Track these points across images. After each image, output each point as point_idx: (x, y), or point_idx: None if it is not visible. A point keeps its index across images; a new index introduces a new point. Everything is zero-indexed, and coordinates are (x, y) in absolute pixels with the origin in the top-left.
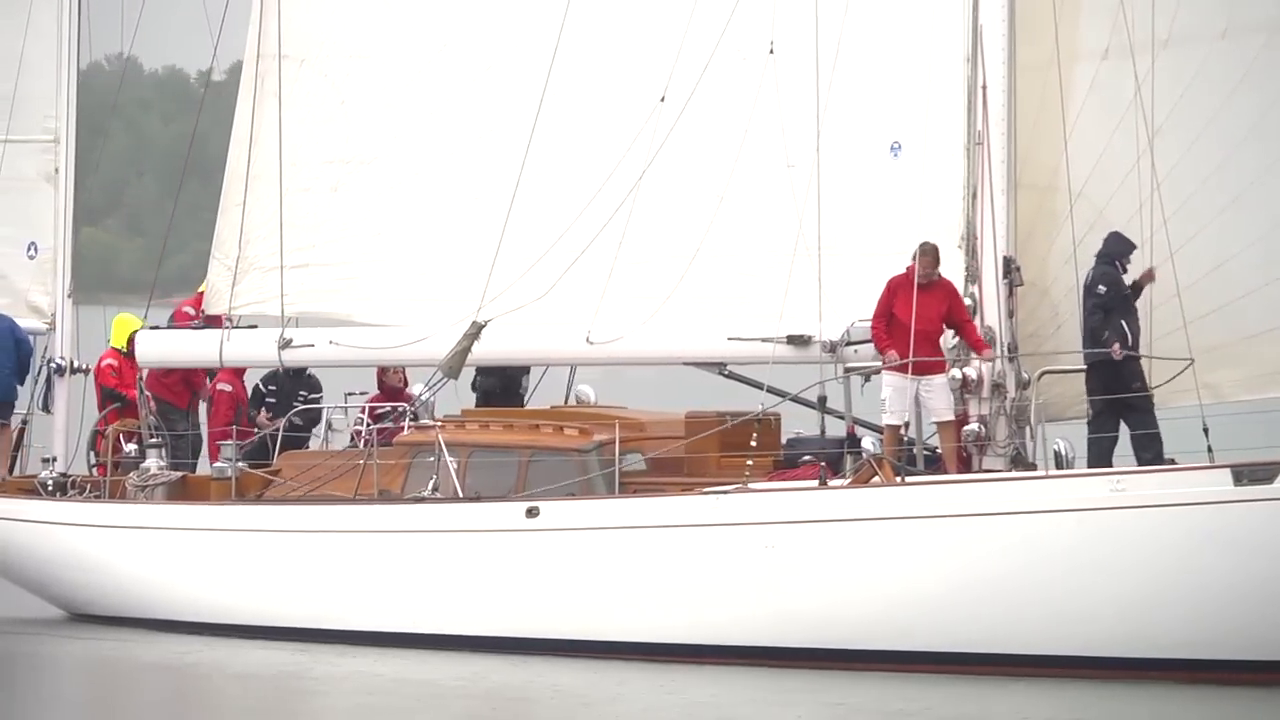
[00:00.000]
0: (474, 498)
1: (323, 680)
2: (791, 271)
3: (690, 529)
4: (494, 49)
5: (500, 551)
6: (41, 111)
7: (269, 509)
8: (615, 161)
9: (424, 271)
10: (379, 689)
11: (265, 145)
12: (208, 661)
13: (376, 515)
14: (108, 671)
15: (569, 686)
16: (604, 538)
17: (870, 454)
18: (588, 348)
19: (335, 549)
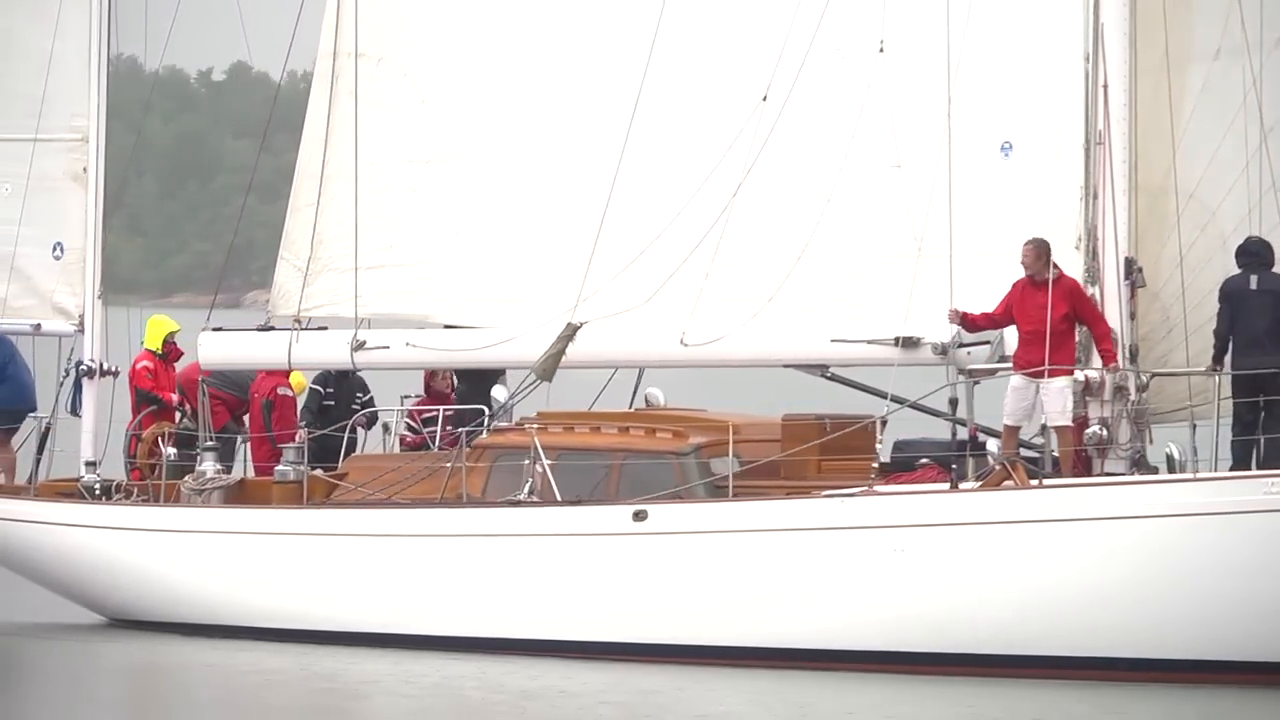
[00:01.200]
0: (575, 501)
1: (416, 687)
2: (899, 273)
3: (814, 532)
4: (582, 47)
5: (606, 556)
6: (68, 110)
7: (349, 513)
8: (713, 161)
9: (507, 272)
10: (474, 695)
11: (339, 145)
12: (292, 667)
13: (470, 519)
14: (181, 677)
15: (686, 692)
16: (720, 541)
17: (1003, 457)
18: (682, 350)
19: (422, 553)
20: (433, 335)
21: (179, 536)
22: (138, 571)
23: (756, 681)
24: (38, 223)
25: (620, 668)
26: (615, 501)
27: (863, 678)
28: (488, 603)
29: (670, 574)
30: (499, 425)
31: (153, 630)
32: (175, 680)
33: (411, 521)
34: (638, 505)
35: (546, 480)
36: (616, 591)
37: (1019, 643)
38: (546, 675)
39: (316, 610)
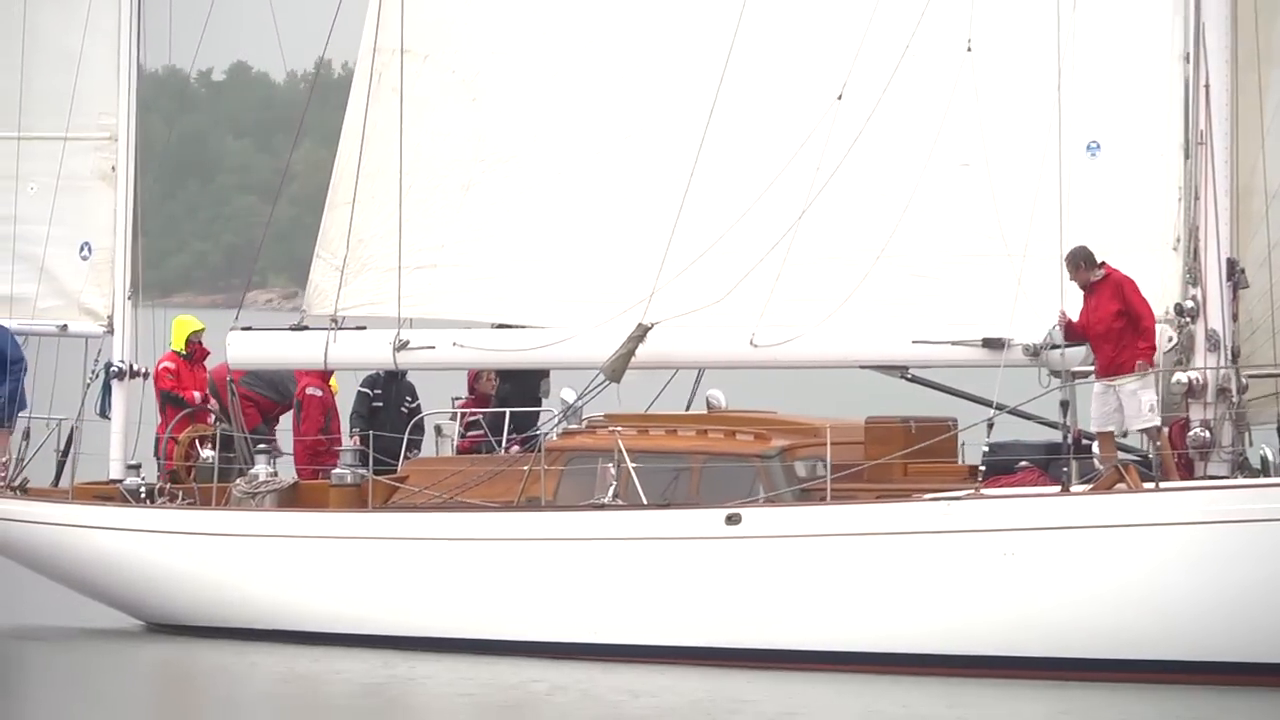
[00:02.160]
0: (664, 504)
1: (499, 692)
2: (977, 274)
3: (918, 536)
4: (648, 45)
5: (698, 560)
6: (96, 109)
7: (423, 517)
8: (785, 160)
9: (571, 273)
10: (565, 701)
11: (380, 142)
12: (362, 670)
13: (553, 523)
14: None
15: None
16: (819, 545)
17: (1118, 460)
18: (752, 351)
19: (501, 558)
20: (481, 335)
21: (234, 540)
22: (189, 576)
23: (855, 686)
24: (65, 222)
25: (713, 673)
26: (707, 505)
27: (968, 682)
28: (570, 608)
29: (766, 578)
30: (569, 427)
31: (196, 634)
32: (246, 686)
33: (490, 525)
34: (730, 509)
35: (631, 483)
36: (709, 596)
37: (1133, 647)
38: (637, 681)
39: (384, 616)
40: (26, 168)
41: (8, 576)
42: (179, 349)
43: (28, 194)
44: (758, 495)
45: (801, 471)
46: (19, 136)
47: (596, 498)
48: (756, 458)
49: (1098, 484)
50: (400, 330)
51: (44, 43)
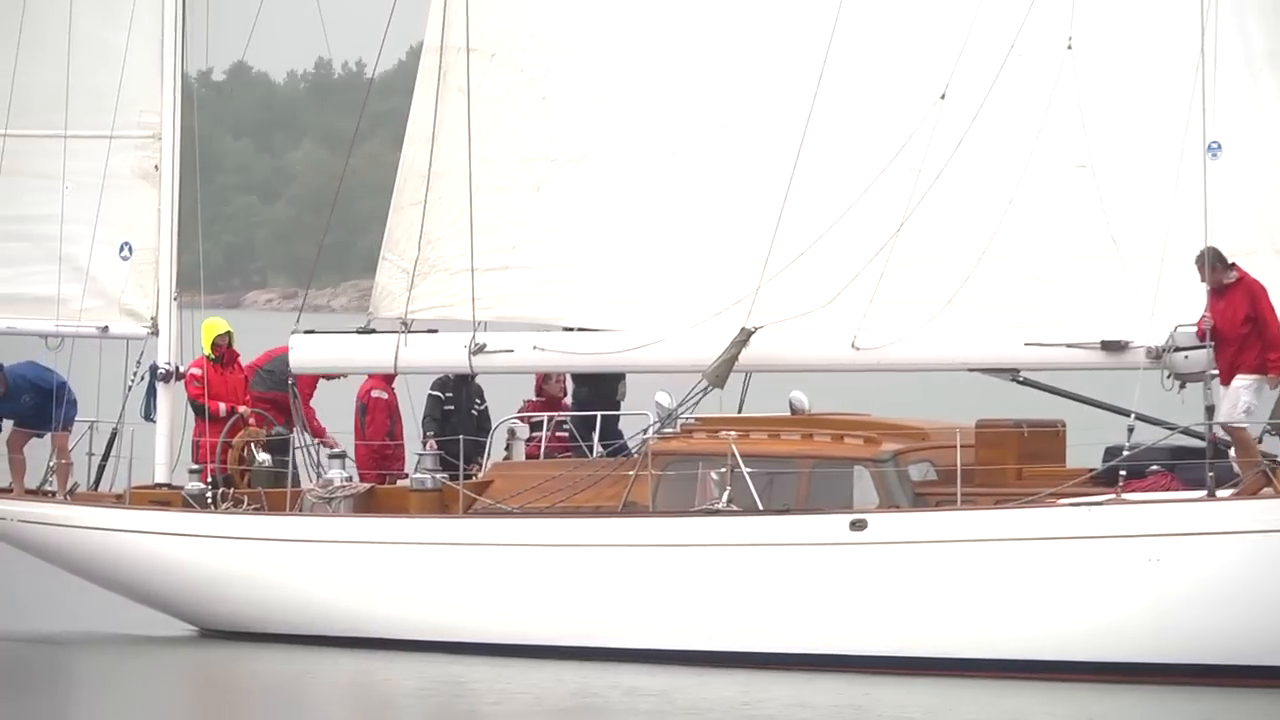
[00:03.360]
0: (783, 510)
1: (636, 698)
2: (1086, 275)
3: (1056, 542)
4: (726, 41)
5: (822, 566)
6: (138, 107)
7: (521, 523)
8: (885, 159)
9: (649, 274)
10: (680, 710)
11: (447, 142)
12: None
13: (667, 528)
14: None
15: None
16: (950, 551)
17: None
18: (853, 354)
19: (608, 564)
20: (563, 338)
21: (311, 547)
22: (260, 582)
23: (989, 692)
24: (104, 222)
25: (839, 678)
26: (816, 509)
27: (1109, 689)
28: (683, 614)
29: (894, 585)
30: (665, 432)
31: (252, 640)
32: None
33: (598, 531)
34: (855, 514)
35: (745, 488)
36: (834, 602)
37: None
38: (761, 688)
39: (476, 623)
40: (59, 166)
41: (43, 581)
42: (207, 352)
43: (61, 192)
44: (871, 500)
45: (916, 475)
46: (65, 135)
47: (710, 503)
48: (870, 462)
49: (1243, 488)
50: (476, 333)
51: (79, 40)
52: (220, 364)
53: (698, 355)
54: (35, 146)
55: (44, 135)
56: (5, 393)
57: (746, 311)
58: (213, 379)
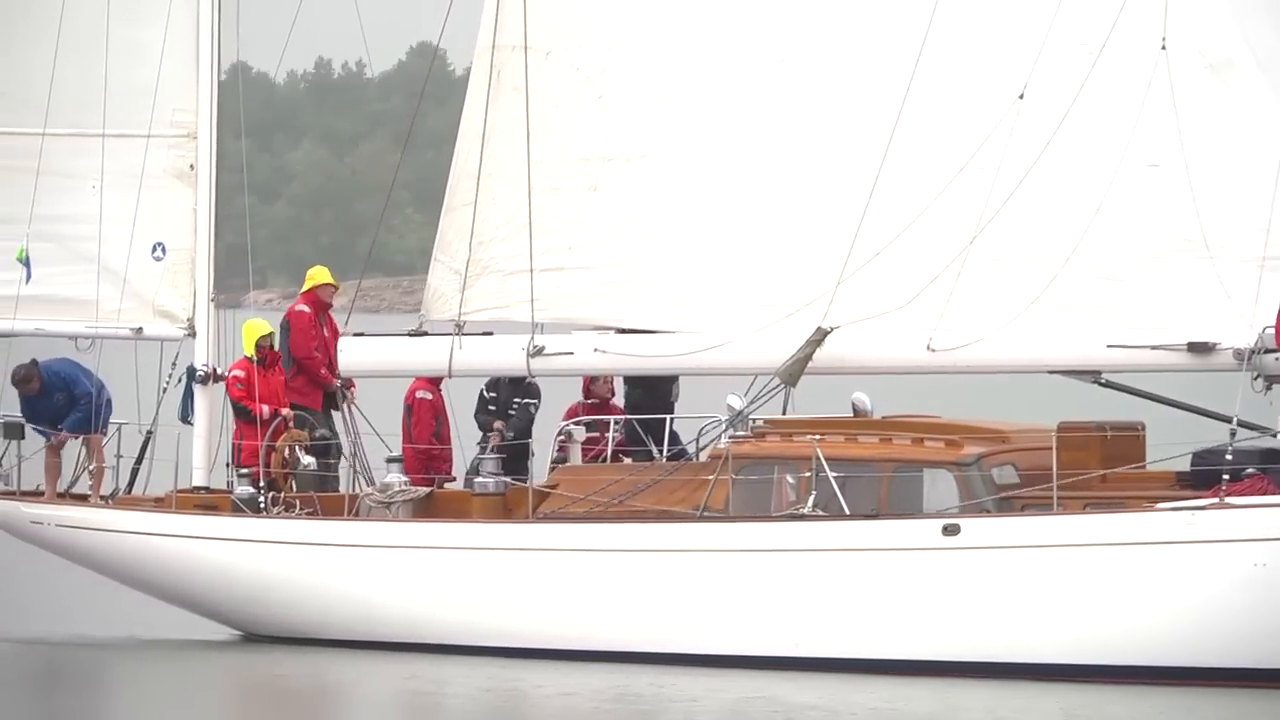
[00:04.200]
0: (872, 515)
1: (709, 705)
2: (1169, 276)
3: (1156, 547)
4: (786, 40)
5: (914, 571)
6: (171, 105)
7: (597, 528)
8: (961, 159)
9: (711, 275)
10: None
11: (500, 142)
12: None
13: (750, 533)
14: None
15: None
16: (1048, 556)
17: None
18: (929, 355)
19: (689, 568)
20: (625, 340)
21: (374, 551)
22: (319, 587)
23: (1086, 696)
24: (133, 222)
25: (927, 684)
26: (919, 515)
27: (1215, 694)
28: (768, 620)
29: (989, 590)
30: (736, 434)
31: (309, 645)
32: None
33: (678, 536)
34: (948, 519)
35: (831, 492)
36: (925, 608)
37: None
38: (847, 694)
39: (550, 629)
40: (85, 165)
41: (75, 585)
42: (250, 354)
43: (88, 192)
44: (954, 504)
45: (1000, 479)
46: (103, 134)
47: (795, 508)
48: (954, 465)
49: None
50: (534, 335)
51: (100, 37)
52: (263, 366)
53: (764, 357)
54: (59, 145)
55: (81, 135)
56: (40, 390)
57: (821, 313)
58: (254, 382)
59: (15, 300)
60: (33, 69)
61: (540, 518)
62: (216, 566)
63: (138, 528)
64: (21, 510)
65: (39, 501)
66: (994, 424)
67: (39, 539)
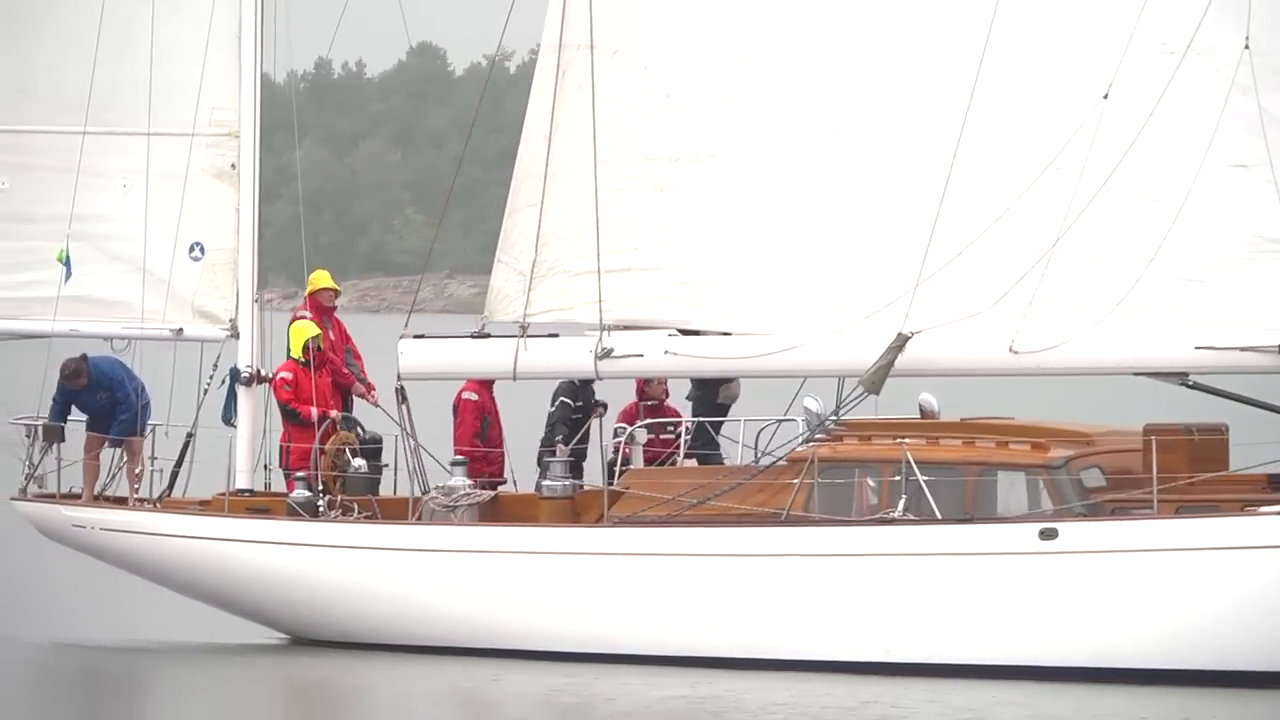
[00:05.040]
0: (965, 519)
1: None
2: (1258, 277)
3: (1258, 551)
4: (856, 39)
5: (1009, 575)
6: (209, 104)
7: (678, 533)
8: (1045, 159)
9: (782, 276)
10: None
11: (565, 142)
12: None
13: (839, 538)
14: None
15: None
16: (1149, 560)
17: None
18: (1011, 358)
19: (770, 573)
20: (697, 343)
21: (438, 556)
22: (378, 591)
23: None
24: (172, 221)
25: (1024, 687)
26: (1015, 519)
27: None
28: (859, 625)
29: (1087, 595)
30: (814, 437)
31: (362, 650)
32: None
33: (764, 541)
34: (1045, 524)
35: (924, 496)
36: (1021, 612)
37: None
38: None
39: (630, 634)
40: (113, 164)
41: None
42: (297, 356)
43: (118, 191)
44: (1042, 507)
45: (1090, 482)
46: (149, 133)
47: (886, 511)
48: (1043, 468)
49: None
50: (602, 337)
51: (140, 36)
52: (310, 368)
53: (838, 359)
54: (91, 144)
55: (123, 134)
56: (87, 384)
57: (895, 315)
58: (303, 382)
59: (55, 301)
60: (51, 67)
61: (617, 521)
62: (272, 570)
63: (189, 531)
64: (63, 513)
65: (76, 504)
66: (1075, 426)
67: (80, 542)
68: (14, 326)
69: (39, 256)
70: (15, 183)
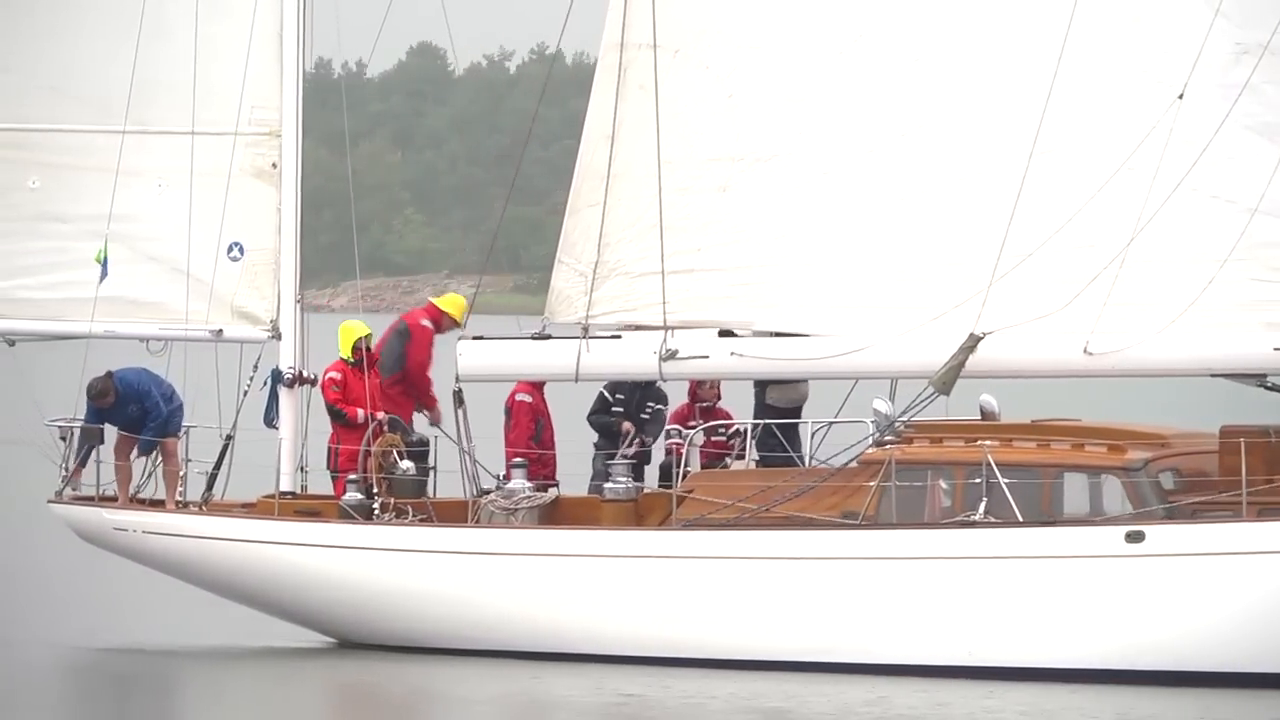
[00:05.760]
0: (1048, 521)
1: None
2: None
3: None
4: (922, 38)
5: (1095, 579)
6: (249, 103)
7: (754, 536)
8: (1118, 160)
9: (842, 277)
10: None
11: (627, 142)
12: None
13: (917, 540)
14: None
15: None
16: (1240, 564)
17: None
18: (1085, 359)
19: (844, 576)
20: (764, 344)
21: (502, 559)
22: (435, 594)
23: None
24: (211, 221)
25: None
26: (1102, 522)
27: None
28: (939, 629)
29: (1175, 598)
30: (883, 439)
31: (414, 654)
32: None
33: (841, 543)
34: (1131, 526)
35: (1005, 499)
36: (1107, 615)
37: None
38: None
39: (698, 638)
40: (150, 163)
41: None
42: (346, 356)
43: (155, 191)
44: (1122, 510)
45: (1168, 484)
46: (193, 132)
47: (966, 515)
48: (1121, 470)
49: None
50: (666, 338)
51: (178, 34)
52: (359, 368)
53: (906, 361)
54: (114, 143)
55: (169, 133)
56: (114, 402)
57: (965, 316)
58: (352, 384)
59: (93, 301)
60: (80, 65)
61: (687, 524)
62: (326, 574)
63: (239, 535)
64: (104, 516)
65: (111, 507)
66: (1148, 428)
67: (121, 545)
68: (51, 328)
69: (70, 257)
70: (47, 182)
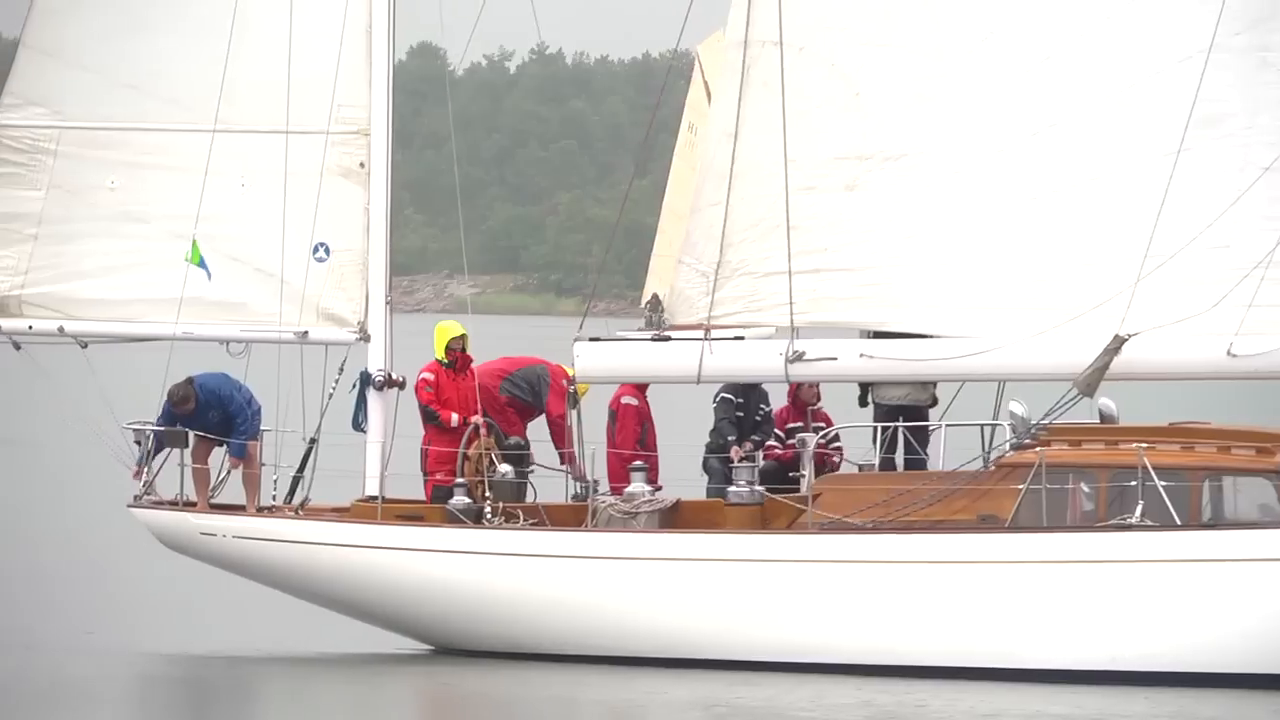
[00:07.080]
0: (1209, 525)
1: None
2: None
3: None
4: (1054, 37)
5: (1253, 583)
6: (336, 101)
7: (878, 539)
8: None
9: (973, 277)
10: None
11: (749, 140)
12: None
13: (1078, 545)
14: None
15: None
16: None
17: None
18: (1230, 361)
19: (996, 581)
20: (894, 345)
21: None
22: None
23: None
24: (296, 222)
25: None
26: (1263, 525)
27: None
28: (1091, 633)
29: None
30: (1021, 442)
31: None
32: None
33: (988, 547)
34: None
35: (1161, 501)
36: (1268, 620)
37: None
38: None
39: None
40: (231, 163)
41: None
42: (440, 357)
43: (237, 190)
44: (1271, 513)
45: None
46: (286, 131)
47: (1123, 518)
48: (1273, 473)
49: None
50: (793, 340)
51: (257, 33)
52: (453, 369)
53: (1041, 362)
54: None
55: (260, 132)
56: (194, 409)
57: (1106, 317)
58: (445, 385)
59: (179, 302)
60: (160, 63)
61: (822, 529)
62: (432, 579)
63: (338, 539)
64: (191, 521)
65: (190, 512)
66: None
67: (207, 550)
68: (134, 330)
69: (150, 257)
70: (125, 181)
